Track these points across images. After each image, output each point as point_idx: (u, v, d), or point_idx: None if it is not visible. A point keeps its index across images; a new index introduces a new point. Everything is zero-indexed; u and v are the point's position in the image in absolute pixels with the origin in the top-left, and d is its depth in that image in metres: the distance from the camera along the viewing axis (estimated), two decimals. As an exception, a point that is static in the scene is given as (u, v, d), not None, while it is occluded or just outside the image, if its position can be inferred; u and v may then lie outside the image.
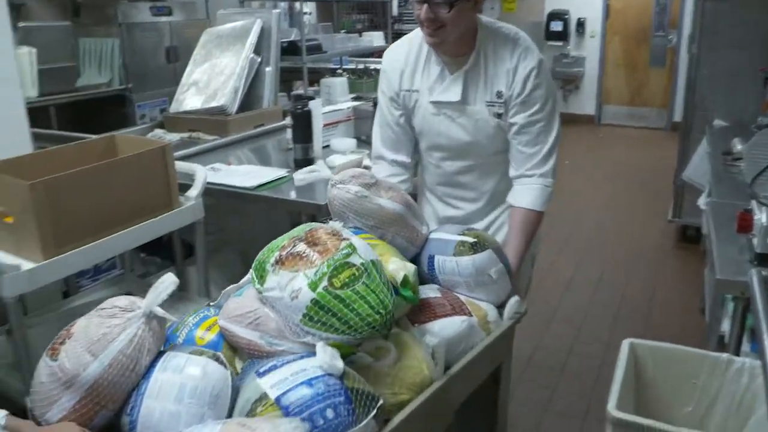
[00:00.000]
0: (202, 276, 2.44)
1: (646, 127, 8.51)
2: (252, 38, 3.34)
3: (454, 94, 1.86)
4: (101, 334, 1.17)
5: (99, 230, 1.97)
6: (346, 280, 1.22)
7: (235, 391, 1.21)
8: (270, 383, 1.16)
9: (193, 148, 2.96)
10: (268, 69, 3.39)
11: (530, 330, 3.38)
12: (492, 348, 1.56)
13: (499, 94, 1.83)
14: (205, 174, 2.28)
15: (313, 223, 1.38)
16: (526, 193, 1.89)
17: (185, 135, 3.21)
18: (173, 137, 3.16)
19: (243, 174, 2.57)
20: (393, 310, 1.26)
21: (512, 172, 1.92)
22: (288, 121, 2.88)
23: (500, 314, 1.64)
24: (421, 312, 1.51)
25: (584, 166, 6.72)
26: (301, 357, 1.22)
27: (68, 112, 4.30)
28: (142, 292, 2.43)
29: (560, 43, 8.56)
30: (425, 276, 1.66)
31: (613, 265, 4.38)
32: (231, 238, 3.18)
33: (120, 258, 2.87)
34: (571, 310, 3.78)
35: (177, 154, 2.56)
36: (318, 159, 2.50)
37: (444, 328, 1.49)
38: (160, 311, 1.23)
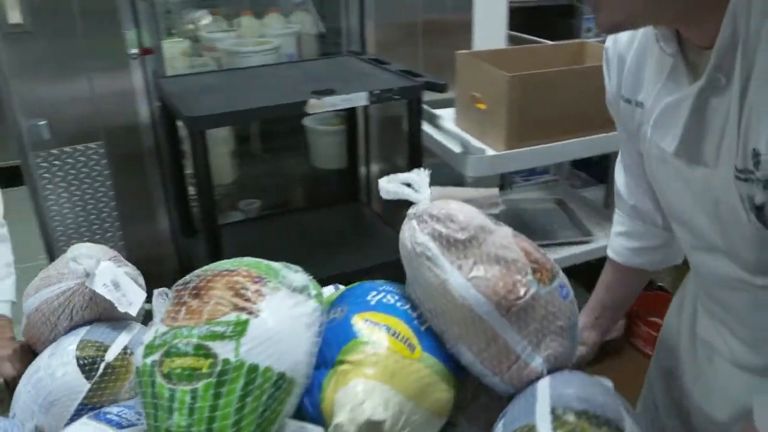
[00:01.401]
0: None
1: None
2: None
3: (670, 135, 0.84)
4: (50, 274, 1.07)
5: (554, 133, 2.01)
6: (177, 371, 0.73)
7: None
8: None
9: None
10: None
11: None
12: None
13: (757, 158, 0.71)
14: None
15: (260, 261, 0.86)
16: None
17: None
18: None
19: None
20: None
21: None
22: None
23: None
24: None
25: None
26: (130, 425, 0.87)
27: (518, 18, 4.49)
28: (571, 201, 2.48)
29: None
30: None
31: None
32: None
33: (556, 164, 2.92)
34: None
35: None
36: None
37: None
38: (97, 286, 0.99)
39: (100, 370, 0.95)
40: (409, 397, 0.79)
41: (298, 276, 0.84)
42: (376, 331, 0.83)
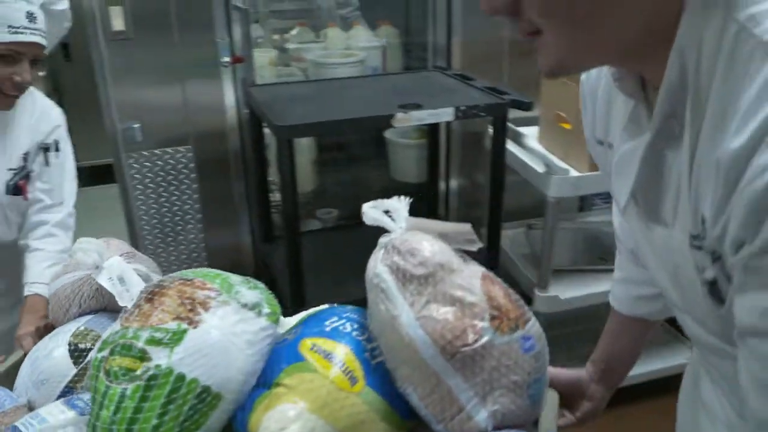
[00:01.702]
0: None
1: None
2: None
3: (624, 187, 0.74)
4: (70, 263, 1.14)
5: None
6: (116, 370, 0.76)
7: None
8: (46, 411, 0.90)
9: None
10: None
11: None
12: None
13: (703, 225, 0.61)
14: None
15: (220, 273, 0.87)
16: None
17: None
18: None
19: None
20: None
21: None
22: None
23: None
24: None
25: None
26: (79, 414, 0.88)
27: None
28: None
29: None
30: None
31: None
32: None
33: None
34: None
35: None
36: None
37: None
38: (102, 279, 1.02)
39: (88, 358, 1.00)
40: (339, 430, 0.75)
41: (252, 293, 0.84)
42: (319, 359, 0.80)
